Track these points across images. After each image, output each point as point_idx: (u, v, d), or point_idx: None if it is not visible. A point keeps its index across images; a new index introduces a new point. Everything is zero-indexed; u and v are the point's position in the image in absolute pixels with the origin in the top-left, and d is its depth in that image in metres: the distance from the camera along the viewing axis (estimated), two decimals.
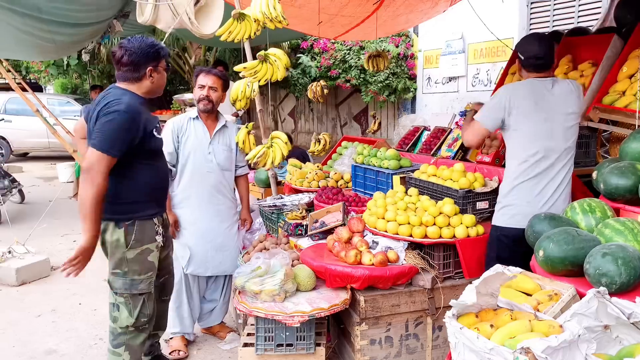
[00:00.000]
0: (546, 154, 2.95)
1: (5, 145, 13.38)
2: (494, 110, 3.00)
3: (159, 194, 2.97)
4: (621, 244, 2.22)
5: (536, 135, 2.95)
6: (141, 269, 2.85)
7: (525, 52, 3.02)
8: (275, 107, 13.95)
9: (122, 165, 2.75)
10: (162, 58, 2.88)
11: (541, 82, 2.99)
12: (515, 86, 3.05)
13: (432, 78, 9.33)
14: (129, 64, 2.78)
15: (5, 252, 5.33)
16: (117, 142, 2.63)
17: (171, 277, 3.28)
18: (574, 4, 6.92)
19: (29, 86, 11.84)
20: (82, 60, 11.63)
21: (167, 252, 3.19)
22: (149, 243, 2.87)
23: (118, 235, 2.79)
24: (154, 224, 2.90)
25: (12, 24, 6.44)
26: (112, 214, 2.79)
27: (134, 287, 2.84)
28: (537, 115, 2.94)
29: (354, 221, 3.56)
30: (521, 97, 2.95)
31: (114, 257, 2.84)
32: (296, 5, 5.20)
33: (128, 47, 2.78)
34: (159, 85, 2.91)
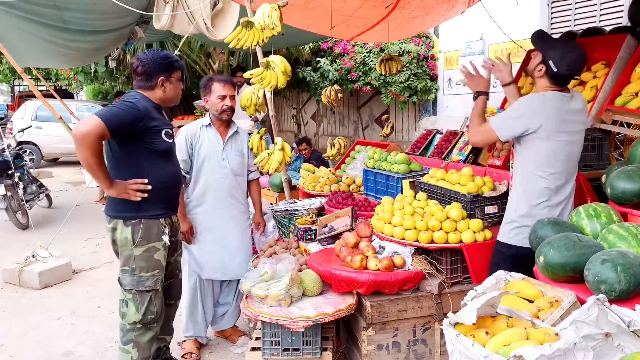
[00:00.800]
0: (567, 176, 2.85)
1: (36, 151, 13.76)
2: (514, 123, 2.78)
3: (167, 196, 3.06)
4: (622, 250, 2.17)
5: (557, 156, 2.80)
6: (148, 266, 2.97)
7: (564, 68, 2.74)
8: (298, 111, 14.00)
9: (130, 165, 2.92)
10: (175, 70, 3.04)
11: (563, 98, 2.79)
12: (542, 102, 2.76)
13: (453, 79, 9.24)
14: (143, 74, 2.99)
15: (29, 256, 5.50)
16: (117, 119, 2.77)
17: (177, 281, 3.34)
18: (595, 3, 6.77)
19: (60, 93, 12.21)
20: (109, 66, 11.91)
21: (175, 257, 3.26)
22: (156, 241, 2.99)
23: (126, 233, 2.94)
24: (161, 224, 3.01)
25: (39, 35, 6.67)
26: (120, 212, 2.96)
27: (141, 283, 2.97)
28: (560, 136, 2.77)
29: (362, 226, 3.57)
30: (547, 115, 2.73)
31: (123, 254, 3.00)
32: (310, 7, 5.21)
33: (142, 58, 3.01)
34: (172, 95, 3.08)
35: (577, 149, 2.90)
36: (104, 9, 5.48)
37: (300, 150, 7.29)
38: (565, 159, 2.83)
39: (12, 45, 6.64)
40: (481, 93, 3.00)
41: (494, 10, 6.33)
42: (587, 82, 3.83)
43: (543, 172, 2.82)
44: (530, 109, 2.76)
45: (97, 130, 2.68)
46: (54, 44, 7.20)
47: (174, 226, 3.18)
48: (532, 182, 2.86)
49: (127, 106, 2.83)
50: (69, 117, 8.71)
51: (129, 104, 2.85)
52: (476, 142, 3.03)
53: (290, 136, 13.83)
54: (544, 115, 2.74)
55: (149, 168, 2.94)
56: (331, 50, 10.37)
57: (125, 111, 2.80)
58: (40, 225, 7.47)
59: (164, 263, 3.04)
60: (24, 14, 5.91)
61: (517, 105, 2.83)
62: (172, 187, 3.13)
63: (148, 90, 3.02)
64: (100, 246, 6.66)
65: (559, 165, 2.82)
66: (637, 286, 2.06)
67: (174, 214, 3.19)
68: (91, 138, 2.67)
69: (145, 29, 7.27)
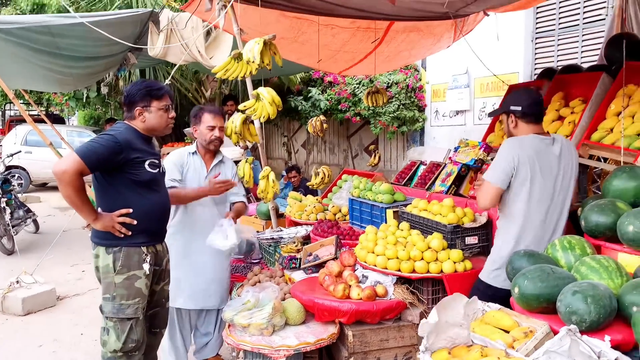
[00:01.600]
0: (549, 218, 2.90)
1: (24, 175, 13.72)
2: (503, 166, 2.87)
3: (149, 225, 3.04)
4: (593, 282, 2.24)
5: (540, 201, 2.88)
6: (129, 294, 2.95)
7: (523, 101, 2.91)
8: (289, 139, 14.13)
9: (113, 195, 2.93)
10: (155, 98, 3.02)
11: (542, 140, 2.90)
12: (520, 143, 2.88)
13: (440, 111, 9.42)
14: (125, 105, 3.06)
15: (13, 282, 5.46)
16: (95, 155, 2.80)
17: (163, 310, 3.29)
18: (577, 39, 6.99)
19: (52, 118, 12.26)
20: (101, 92, 12.00)
21: (161, 285, 3.22)
22: (137, 269, 2.97)
23: (108, 260, 2.94)
24: (142, 252, 2.99)
25: (32, 60, 6.76)
26: (102, 240, 2.96)
27: (122, 311, 2.94)
28: (542, 180, 2.86)
29: (345, 255, 3.62)
30: (527, 156, 2.84)
31: (104, 281, 2.99)
32: (299, 41, 5.35)
33: (126, 90, 3.06)
34: (153, 124, 3.04)
35: (565, 190, 2.93)
36: (98, 35, 5.58)
37: (289, 178, 7.36)
38: (548, 200, 2.89)
39: (4, 70, 6.71)
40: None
41: (480, 45, 6.52)
42: (565, 118, 3.96)
43: (526, 217, 2.88)
44: (510, 149, 2.88)
45: (75, 167, 2.73)
46: (47, 69, 7.29)
47: (159, 255, 3.15)
48: (514, 227, 2.91)
49: (106, 140, 2.84)
50: (60, 142, 8.75)
51: (109, 137, 2.86)
52: (484, 203, 2.97)
53: (281, 163, 13.91)
54: (523, 155, 2.84)
55: (131, 198, 2.95)
56: (322, 80, 10.55)
57: (104, 145, 2.82)
58: (26, 251, 7.43)
59: (145, 292, 3.01)
60: (18, 40, 6.00)
61: (499, 152, 2.95)
62: (156, 217, 3.11)
63: (131, 121, 3.04)
64: (85, 272, 6.63)
65: (543, 209, 2.88)
66: (607, 317, 2.12)
67: (158, 242, 3.17)
68: (69, 175, 2.72)
69: (138, 55, 7.38)
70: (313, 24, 4.92)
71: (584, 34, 6.91)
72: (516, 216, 2.91)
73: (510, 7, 4.79)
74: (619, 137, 3.37)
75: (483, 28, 5.79)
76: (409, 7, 4.41)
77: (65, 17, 5.94)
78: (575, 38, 7.05)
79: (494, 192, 2.90)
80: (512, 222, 2.94)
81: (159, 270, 3.16)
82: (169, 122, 3.12)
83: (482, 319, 2.51)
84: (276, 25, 4.74)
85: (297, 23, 4.92)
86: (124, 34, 6.00)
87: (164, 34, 6.12)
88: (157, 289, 3.17)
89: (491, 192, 2.90)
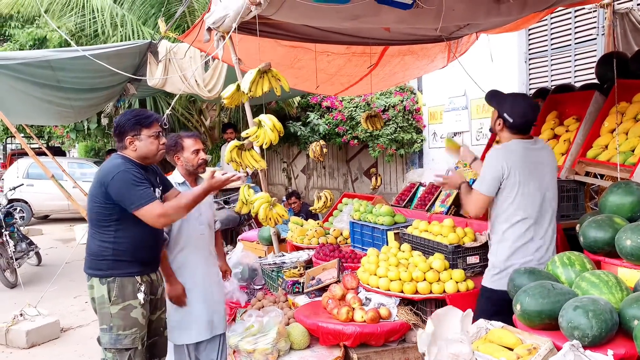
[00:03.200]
0: (542, 215, 2.97)
1: (27, 208, 13.76)
2: (492, 176, 2.96)
3: (143, 254, 3.04)
4: (593, 297, 2.26)
5: (532, 200, 2.95)
6: (125, 324, 2.93)
7: (516, 115, 2.98)
8: (289, 165, 14.21)
9: (107, 222, 2.94)
10: (145, 126, 3.02)
11: (527, 144, 2.99)
12: (507, 150, 2.99)
13: (438, 133, 9.50)
14: (116, 136, 3.09)
15: (17, 315, 5.46)
16: (146, 190, 2.88)
17: (162, 339, 3.25)
18: (569, 59, 7.11)
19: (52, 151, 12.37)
20: (101, 124, 12.11)
21: (158, 314, 3.19)
22: (132, 299, 2.95)
23: (102, 291, 2.94)
24: (136, 282, 2.98)
25: (33, 94, 6.87)
26: (95, 270, 2.97)
27: (119, 342, 2.93)
28: (531, 180, 2.95)
29: (348, 278, 3.64)
30: (514, 161, 2.93)
31: (100, 312, 2.98)
32: (296, 67, 5.45)
33: (116, 121, 3.10)
34: (145, 152, 3.03)
35: (552, 189, 3.04)
36: (98, 67, 5.69)
37: (290, 204, 7.39)
38: (539, 199, 2.97)
39: (5, 104, 6.81)
40: (459, 186, 3.19)
41: (475, 66, 6.62)
42: (560, 136, 4.02)
43: (519, 216, 2.95)
44: (496, 159, 2.98)
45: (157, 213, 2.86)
46: (47, 102, 7.39)
47: (154, 284, 3.12)
48: (507, 227, 2.99)
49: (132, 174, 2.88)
50: (61, 174, 8.81)
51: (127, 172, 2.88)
52: (475, 212, 3.09)
53: (281, 189, 13.96)
54: (511, 161, 2.93)
55: (126, 225, 2.94)
56: (319, 105, 10.66)
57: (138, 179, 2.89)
58: (29, 283, 7.42)
59: (142, 321, 2.99)
60: (19, 75, 6.11)
61: (486, 161, 3.05)
62: (150, 245, 3.08)
63: (124, 150, 3.04)
64: (88, 304, 6.56)
65: (535, 209, 2.96)
66: (609, 331, 2.14)
67: (152, 271, 3.14)
68: (163, 219, 2.89)
69: (137, 85, 7.49)
70: (309, 52, 5.02)
71: (576, 54, 7.03)
72: (509, 218, 2.99)
73: (503, 29, 4.90)
74: (614, 153, 3.43)
75: (477, 50, 5.90)
76: (402, 32, 4.51)
77: (66, 51, 6.07)
78: (568, 58, 7.16)
79: (483, 200, 3.01)
80: (505, 224, 3.01)
81: (155, 300, 3.14)
82: (160, 149, 3.10)
83: (486, 337, 2.52)
84: (272, 53, 4.84)
85: (292, 51, 5.02)
86: (123, 65, 6.11)
87: (163, 64, 6.23)
88: (153, 318, 3.15)
89: (481, 200, 3.01)
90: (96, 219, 2.96)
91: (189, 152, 3.65)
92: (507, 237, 3.00)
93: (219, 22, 3.65)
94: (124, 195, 2.86)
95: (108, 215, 2.93)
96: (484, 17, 3.86)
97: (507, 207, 2.99)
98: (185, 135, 3.72)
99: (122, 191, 2.86)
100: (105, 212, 2.92)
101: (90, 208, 2.98)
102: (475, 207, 3.05)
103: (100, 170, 3.00)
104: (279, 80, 3.60)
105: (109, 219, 2.93)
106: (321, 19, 3.82)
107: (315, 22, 4.03)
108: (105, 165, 3.02)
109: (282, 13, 3.49)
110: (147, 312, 3.03)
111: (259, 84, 3.53)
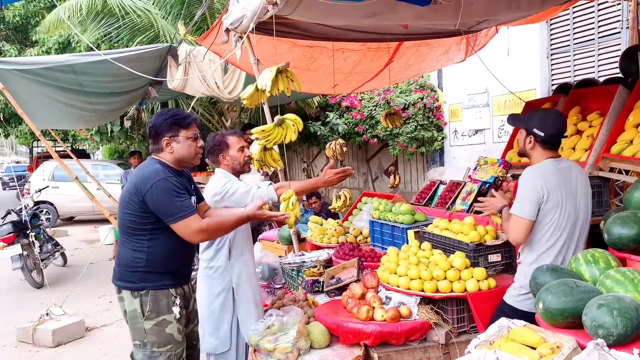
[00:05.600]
0: (575, 238, 2.91)
1: (52, 210, 14.04)
2: (532, 198, 2.84)
3: (176, 265, 2.92)
4: (618, 295, 2.21)
5: (567, 222, 2.88)
6: (160, 341, 2.79)
7: (547, 127, 2.88)
8: (309, 165, 14.23)
9: (139, 232, 2.80)
10: (182, 127, 2.88)
11: (559, 164, 2.92)
12: (543, 171, 2.88)
13: (459, 131, 9.42)
14: (151, 137, 2.92)
15: (43, 314, 5.57)
16: (186, 201, 2.77)
17: (195, 352, 3.16)
18: (593, 54, 6.98)
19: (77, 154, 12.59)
20: (124, 126, 12.30)
21: (191, 328, 3.11)
22: (166, 314, 2.81)
23: (134, 305, 2.80)
24: (171, 294, 2.84)
25: (57, 98, 7.01)
26: (126, 282, 2.83)
27: (154, 359, 2.79)
28: (568, 202, 2.87)
29: (368, 277, 3.62)
30: (552, 183, 2.84)
31: (133, 327, 2.84)
32: (312, 69, 5.45)
33: (151, 121, 2.92)
34: (181, 155, 2.90)
35: (583, 217, 2.94)
36: (119, 71, 5.78)
37: (310, 204, 7.40)
38: (573, 228, 2.88)
39: (32, 109, 6.97)
40: (500, 210, 3.06)
41: (496, 62, 6.55)
42: (583, 131, 3.94)
43: (550, 242, 2.87)
44: (534, 180, 2.86)
45: (195, 229, 2.74)
46: (71, 106, 7.54)
47: (186, 296, 2.99)
48: (543, 252, 2.89)
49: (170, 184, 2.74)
50: (85, 176, 8.96)
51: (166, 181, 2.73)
52: (518, 239, 2.93)
53: None
54: (549, 183, 2.83)
55: (160, 235, 2.80)
56: (339, 104, 10.66)
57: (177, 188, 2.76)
58: (55, 284, 7.57)
59: (178, 337, 2.83)
60: (44, 80, 6.24)
61: (523, 183, 2.91)
62: (183, 256, 2.96)
63: (159, 153, 2.89)
64: (112, 304, 6.72)
65: (567, 235, 2.87)
66: (634, 330, 2.09)
67: (185, 283, 3.01)
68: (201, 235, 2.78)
69: (158, 89, 7.59)
70: (325, 50, 5.02)
71: (600, 48, 6.90)
72: (543, 242, 2.90)
73: (524, 20, 4.82)
74: (639, 148, 3.35)
75: (498, 46, 5.84)
76: (419, 27, 4.48)
77: (87, 55, 6.18)
78: (591, 52, 7.03)
79: (525, 225, 2.86)
80: (540, 249, 2.91)
81: (187, 313, 3.02)
82: (198, 152, 2.96)
83: (508, 335, 2.48)
84: (289, 54, 4.85)
85: (309, 51, 5.02)
86: (144, 68, 6.19)
87: (182, 67, 6.29)
88: (186, 332, 3.01)
89: (523, 226, 2.86)
90: (129, 227, 2.82)
91: (234, 150, 3.63)
92: (542, 260, 2.88)
93: (236, 22, 3.66)
94: (162, 205, 2.71)
95: (142, 224, 2.78)
96: (504, 11, 3.81)
97: (545, 230, 2.89)
98: (228, 133, 3.69)
99: (160, 201, 2.70)
100: (139, 220, 2.78)
101: (122, 216, 2.83)
102: (518, 234, 2.89)
103: (137, 175, 2.83)
104: (292, 82, 3.58)
105: (143, 229, 2.78)
106: (338, 17, 3.82)
107: (332, 20, 4.02)
108: (142, 171, 2.84)
109: (299, 12, 3.50)
110: (182, 327, 2.88)
111: (276, 83, 3.52)
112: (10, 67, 5.81)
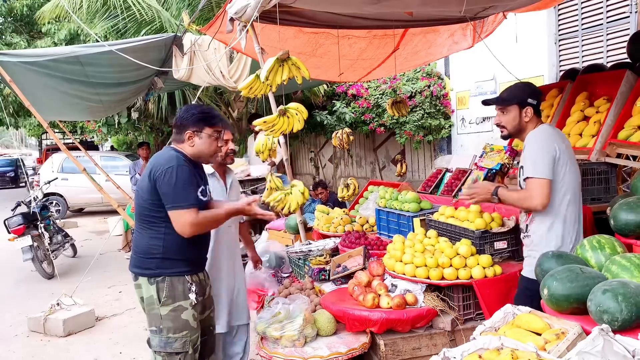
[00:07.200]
0: (578, 197, 2.93)
1: (62, 201, 14.14)
2: (547, 158, 2.81)
3: (192, 253, 2.94)
4: (623, 280, 2.20)
5: (574, 182, 2.89)
6: (175, 327, 2.82)
7: (537, 94, 2.98)
8: (316, 154, 14.21)
9: (156, 220, 2.83)
10: (207, 125, 2.93)
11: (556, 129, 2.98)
12: (551, 133, 2.90)
13: (466, 119, 9.36)
14: (176, 126, 2.99)
15: (54, 305, 5.63)
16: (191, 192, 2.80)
17: (210, 338, 3.17)
18: (601, 39, 6.89)
19: (85, 145, 12.65)
20: (131, 118, 12.33)
21: (208, 314, 3.11)
22: (182, 300, 2.84)
23: (151, 291, 2.83)
24: (187, 281, 2.86)
25: (64, 90, 7.04)
26: (143, 269, 2.87)
27: (169, 345, 2.82)
28: (572, 162, 2.90)
29: (374, 265, 3.63)
30: (559, 144, 2.86)
31: (149, 313, 2.87)
32: (317, 54, 5.42)
33: (180, 110, 3.02)
34: (201, 150, 2.95)
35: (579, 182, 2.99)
36: (124, 61, 5.78)
37: (317, 195, 7.39)
38: (577, 180, 2.92)
39: (39, 101, 6.99)
40: (495, 192, 2.99)
41: (503, 49, 6.48)
42: (590, 117, 3.91)
43: (565, 197, 2.86)
44: (544, 141, 2.85)
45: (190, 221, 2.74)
46: (78, 97, 7.57)
47: (202, 284, 3.00)
48: (557, 216, 2.87)
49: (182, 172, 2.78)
50: (94, 168, 9.02)
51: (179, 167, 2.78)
52: (542, 202, 2.82)
53: (309, 179, 13.99)
54: (559, 143, 2.86)
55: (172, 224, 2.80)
56: (345, 93, 10.62)
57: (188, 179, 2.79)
58: (65, 274, 7.64)
59: (193, 323, 2.86)
60: (50, 72, 6.26)
61: (535, 144, 2.88)
62: (199, 243, 2.98)
63: (179, 144, 2.95)
64: (122, 293, 6.78)
65: (576, 190, 2.91)
66: (639, 316, 2.08)
67: (200, 271, 3.03)
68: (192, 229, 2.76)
69: (164, 79, 7.59)
70: (330, 36, 4.98)
71: (608, 33, 6.81)
72: (557, 207, 2.86)
73: (531, 7, 4.76)
74: None
75: (505, 32, 5.76)
76: (425, 14, 4.44)
77: (93, 46, 6.18)
78: (599, 38, 6.94)
79: (547, 185, 2.80)
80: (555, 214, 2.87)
81: (204, 300, 3.03)
82: (217, 151, 3.04)
83: (513, 322, 2.49)
84: (294, 41, 4.83)
85: (314, 37, 4.99)
86: (149, 59, 6.19)
87: (188, 57, 6.29)
88: (202, 318, 3.02)
89: (546, 185, 2.80)
90: (145, 214, 2.86)
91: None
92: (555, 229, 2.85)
93: (240, 11, 3.65)
94: (166, 190, 2.75)
95: (157, 211, 2.82)
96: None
97: (557, 190, 2.84)
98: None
99: (166, 186, 2.75)
100: (155, 208, 2.81)
101: (139, 203, 2.88)
102: (543, 196, 2.79)
103: (153, 161, 2.88)
104: (299, 69, 3.56)
105: (159, 217, 2.82)
106: (342, 4, 3.80)
107: (335, 7, 4.00)
108: (158, 158, 2.89)
109: (302, 0, 3.48)
110: (197, 313, 2.91)
111: (278, 73, 3.51)
112: (17, 60, 5.84)
